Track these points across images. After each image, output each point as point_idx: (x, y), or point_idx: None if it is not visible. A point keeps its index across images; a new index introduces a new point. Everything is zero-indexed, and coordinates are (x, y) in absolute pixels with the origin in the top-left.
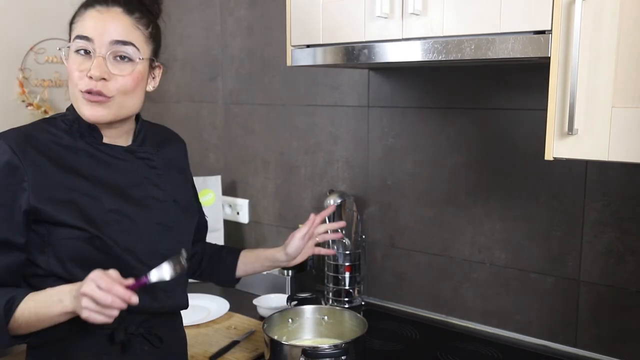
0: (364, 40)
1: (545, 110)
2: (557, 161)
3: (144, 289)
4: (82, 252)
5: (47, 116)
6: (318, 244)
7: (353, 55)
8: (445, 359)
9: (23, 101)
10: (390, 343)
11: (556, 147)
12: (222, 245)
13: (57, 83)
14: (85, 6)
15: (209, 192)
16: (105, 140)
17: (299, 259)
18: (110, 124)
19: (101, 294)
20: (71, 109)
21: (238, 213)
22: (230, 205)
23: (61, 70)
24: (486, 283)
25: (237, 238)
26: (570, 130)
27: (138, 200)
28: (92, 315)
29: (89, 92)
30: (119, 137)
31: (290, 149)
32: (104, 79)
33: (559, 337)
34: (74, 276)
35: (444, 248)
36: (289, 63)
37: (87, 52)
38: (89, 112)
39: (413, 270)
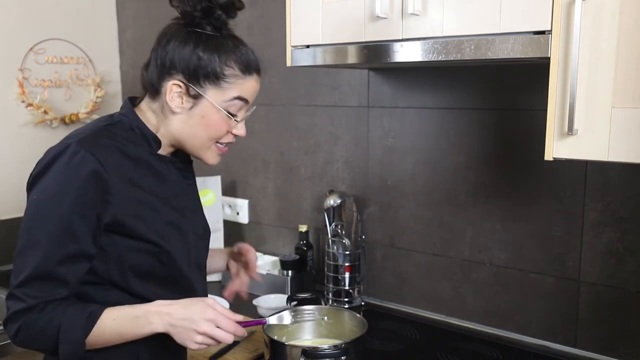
0: (364, 40)
1: (545, 110)
2: (557, 161)
3: (187, 295)
4: (147, 265)
5: (104, 118)
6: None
7: (353, 55)
8: (445, 359)
9: (23, 101)
10: (390, 343)
11: (556, 147)
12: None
13: (56, 83)
14: (246, 71)
15: (209, 192)
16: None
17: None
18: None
19: (223, 335)
20: (128, 115)
21: (238, 213)
22: (230, 206)
23: (61, 71)
24: (486, 283)
25: (237, 238)
26: (570, 130)
27: (182, 210)
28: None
29: (229, 144)
30: (167, 147)
31: (290, 149)
32: None
33: (559, 337)
34: (130, 286)
35: (444, 248)
36: (288, 63)
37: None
38: (216, 159)
39: (413, 271)
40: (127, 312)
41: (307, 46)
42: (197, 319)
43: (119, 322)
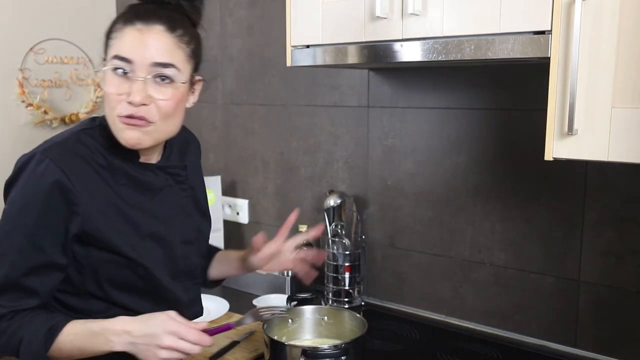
0: (363, 40)
1: (545, 110)
2: (557, 161)
3: (169, 305)
4: (122, 276)
5: (80, 125)
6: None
7: (353, 55)
8: (445, 359)
9: (23, 101)
10: (390, 343)
11: (556, 148)
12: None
13: (56, 83)
14: (124, 21)
15: (209, 192)
16: (140, 159)
17: (275, 270)
18: None
19: (188, 346)
20: (106, 122)
21: (238, 213)
22: (230, 206)
23: (61, 71)
24: (486, 283)
25: (237, 238)
26: (570, 130)
27: (168, 219)
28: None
29: (130, 116)
30: (153, 155)
31: (290, 149)
32: (144, 104)
33: (558, 337)
34: (109, 296)
35: (444, 248)
36: (288, 63)
37: (125, 73)
38: (129, 137)
39: (413, 271)
40: (87, 328)
41: (307, 46)
42: (159, 333)
43: (79, 337)
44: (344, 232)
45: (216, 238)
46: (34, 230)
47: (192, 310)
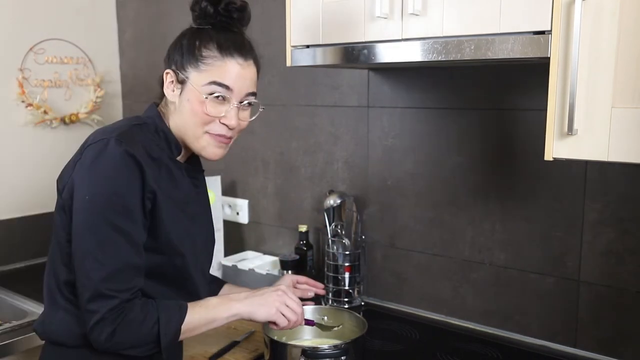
0: (363, 40)
1: (545, 110)
2: (557, 161)
3: (190, 298)
4: (159, 267)
5: (133, 118)
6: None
7: (353, 55)
8: (445, 359)
9: (23, 101)
10: (390, 343)
11: (556, 148)
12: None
13: (56, 83)
14: (222, 52)
15: (209, 192)
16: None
17: None
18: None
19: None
20: (154, 118)
21: (238, 213)
22: (230, 206)
23: (60, 71)
24: (486, 283)
25: (237, 238)
26: (570, 130)
27: (192, 217)
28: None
29: (223, 136)
30: (184, 155)
31: (290, 149)
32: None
33: (558, 338)
34: (146, 287)
35: (444, 248)
36: (288, 63)
37: (221, 98)
38: (214, 153)
39: (413, 271)
40: (205, 301)
41: (307, 46)
42: (281, 293)
43: (206, 308)
44: (344, 232)
45: (216, 238)
46: (130, 207)
47: None
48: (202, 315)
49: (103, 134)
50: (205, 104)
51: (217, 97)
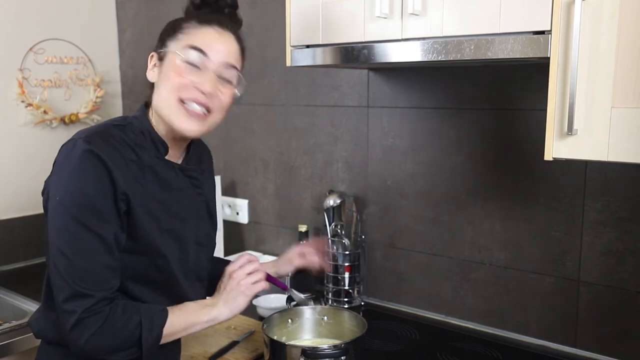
0: (363, 40)
1: (545, 110)
2: (557, 161)
3: (180, 302)
4: (142, 269)
5: (117, 119)
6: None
7: (352, 55)
8: (445, 359)
9: (22, 101)
10: (389, 343)
11: (556, 148)
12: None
13: (56, 83)
14: (201, 21)
15: None
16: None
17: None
18: (178, 140)
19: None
20: (140, 118)
21: (238, 213)
22: (229, 206)
23: (60, 71)
24: (486, 283)
25: (237, 238)
26: (570, 130)
27: (184, 218)
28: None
29: (197, 102)
30: (177, 153)
31: (289, 149)
32: (211, 95)
33: (558, 338)
34: (125, 287)
35: (444, 248)
36: (288, 63)
37: (195, 66)
38: (186, 124)
39: (413, 271)
40: (184, 305)
41: (307, 46)
42: (234, 276)
43: (182, 314)
44: (343, 232)
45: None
46: (99, 207)
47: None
48: (182, 320)
49: (76, 134)
50: (181, 69)
51: (192, 64)
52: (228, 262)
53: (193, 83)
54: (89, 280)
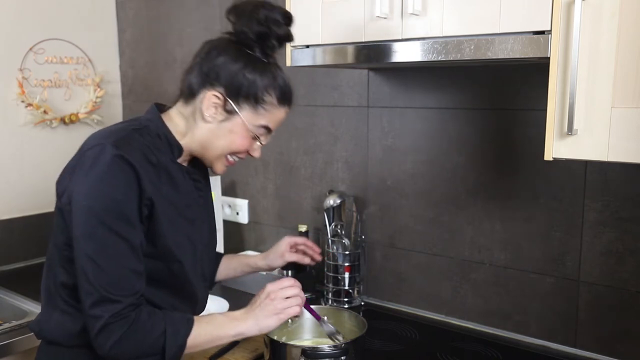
0: (363, 40)
1: (545, 110)
2: (557, 161)
3: (190, 304)
4: (157, 271)
5: (132, 122)
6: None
7: (353, 55)
8: (445, 359)
9: (22, 101)
10: (389, 343)
11: (556, 148)
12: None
13: (56, 83)
14: (281, 103)
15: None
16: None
17: (278, 265)
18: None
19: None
20: (154, 121)
21: (238, 213)
22: (229, 206)
23: (60, 71)
24: (486, 283)
25: (237, 238)
26: (570, 130)
27: (192, 221)
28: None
29: (240, 158)
30: (185, 157)
31: (289, 149)
32: None
33: (558, 337)
34: (144, 291)
35: (444, 248)
36: (288, 63)
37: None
38: (221, 170)
39: (413, 271)
40: (211, 317)
41: (307, 46)
42: (268, 292)
43: (212, 325)
44: (343, 232)
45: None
46: (126, 213)
47: (201, 309)
48: (208, 332)
49: (100, 139)
50: (247, 140)
51: (257, 138)
52: (222, 255)
53: (246, 148)
54: (117, 286)
